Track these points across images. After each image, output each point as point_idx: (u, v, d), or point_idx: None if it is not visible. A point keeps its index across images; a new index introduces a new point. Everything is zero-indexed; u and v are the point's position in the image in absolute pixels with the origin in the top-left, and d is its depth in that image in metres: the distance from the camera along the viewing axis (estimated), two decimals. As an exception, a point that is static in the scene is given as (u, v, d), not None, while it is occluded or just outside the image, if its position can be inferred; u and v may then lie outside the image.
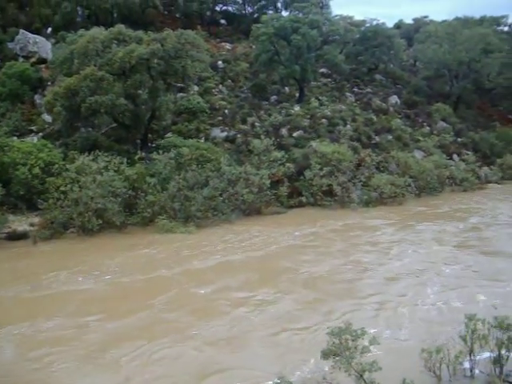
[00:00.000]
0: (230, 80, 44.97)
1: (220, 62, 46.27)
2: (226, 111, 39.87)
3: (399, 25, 71.01)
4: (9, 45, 39.93)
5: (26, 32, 40.08)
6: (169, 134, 35.20)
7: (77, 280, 19.90)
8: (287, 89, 45.90)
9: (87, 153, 28.58)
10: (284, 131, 38.89)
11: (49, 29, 45.53)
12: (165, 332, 15.37)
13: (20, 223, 26.33)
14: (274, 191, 32.09)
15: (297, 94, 44.83)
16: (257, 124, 38.73)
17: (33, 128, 33.85)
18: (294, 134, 38.94)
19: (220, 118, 38.90)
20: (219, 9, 60.75)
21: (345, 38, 48.64)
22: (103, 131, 33.54)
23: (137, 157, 31.23)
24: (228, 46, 51.39)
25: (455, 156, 44.23)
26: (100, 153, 28.56)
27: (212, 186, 29.43)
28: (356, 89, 50.94)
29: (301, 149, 36.45)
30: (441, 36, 54.12)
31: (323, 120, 41.51)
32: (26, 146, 28.35)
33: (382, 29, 54.37)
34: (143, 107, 32.62)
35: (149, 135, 34.27)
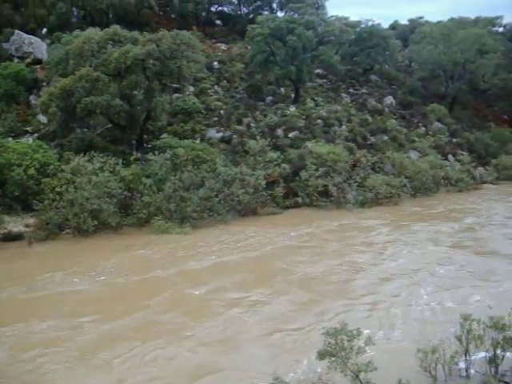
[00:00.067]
0: (226, 81, 44.98)
1: (215, 63, 46.27)
2: (222, 112, 39.88)
3: (394, 26, 71.16)
4: (4, 45, 39.81)
5: (21, 32, 39.99)
6: (164, 135, 35.19)
7: (72, 281, 19.86)
8: (283, 89, 45.93)
9: (82, 153, 28.52)
10: (279, 132, 38.94)
11: (44, 29, 45.43)
12: (159, 333, 15.34)
13: (15, 224, 26.25)
14: (270, 192, 32.11)
15: (292, 95, 44.89)
16: (252, 125, 38.75)
17: (28, 129, 33.77)
18: (290, 135, 38.99)
19: (215, 119, 38.90)
20: (214, 9, 60.76)
21: (340, 39, 48.75)
22: (98, 132, 33.52)
23: (132, 157, 31.25)
24: (223, 47, 51.37)
25: (450, 156, 44.38)
26: (95, 153, 28.49)
27: (208, 187, 29.43)
28: (351, 89, 51.03)
29: (296, 149, 36.50)
30: (436, 37, 54.31)
31: (319, 121, 41.58)
32: (22, 147, 28.27)
33: (378, 30, 54.54)
34: (139, 108, 32.59)
35: (144, 136, 34.24)
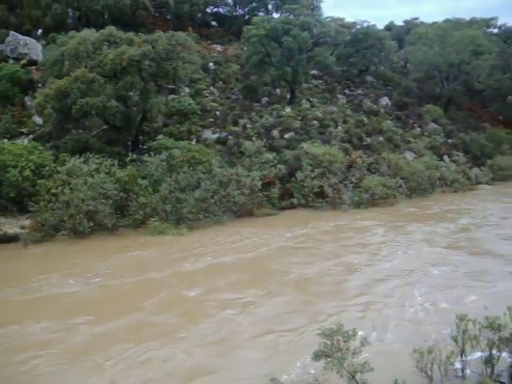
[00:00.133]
0: (221, 82, 45.00)
1: (211, 64, 46.27)
2: (218, 113, 39.92)
3: (390, 27, 71.35)
4: (-1, 47, 39.82)
5: (17, 34, 39.87)
6: (160, 136, 35.15)
7: (67, 282, 19.81)
8: (278, 90, 46.00)
9: (78, 155, 28.42)
10: (275, 133, 39.00)
11: (39, 30, 45.36)
12: (153, 335, 15.27)
13: (11, 226, 26.18)
14: (266, 193, 32.17)
15: (288, 96, 44.95)
16: (248, 126, 38.80)
17: (23, 130, 33.65)
18: (286, 136, 39.05)
19: (211, 120, 38.91)
20: (210, 11, 60.73)
21: (336, 40, 48.85)
22: (94, 133, 33.43)
23: (128, 159, 31.19)
24: (219, 48, 51.40)
25: (446, 157, 44.56)
26: (91, 155, 28.42)
27: (203, 188, 29.43)
28: (347, 90, 51.18)
29: (292, 150, 36.57)
30: (431, 38, 54.49)
31: (314, 121, 41.69)
32: (17, 148, 28.19)
33: (373, 31, 54.75)
34: (134, 109, 32.54)
35: (140, 137, 34.22)
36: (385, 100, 50.51)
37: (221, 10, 61.70)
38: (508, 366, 12.27)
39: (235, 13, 61.15)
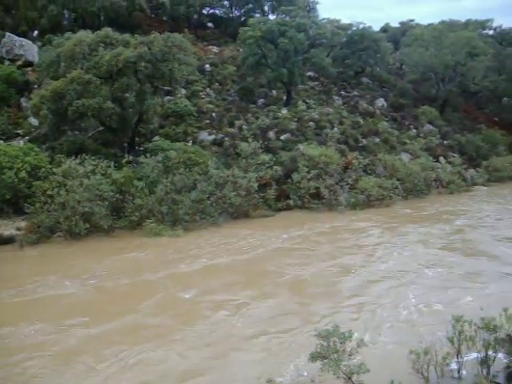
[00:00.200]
0: (218, 83, 44.99)
1: (207, 66, 46.29)
2: (214, 114, 39.91)
3: (386, 28, 71.45)
4: (-5, 48, 39.75)
5: (12, 35, 39.82)
6: (156, 138, 35.13)
7: (63, 284, 19.81)
8: (274, 92, 46.02)
9: (74, 156, 28.39)
10: (271, 134, 38.99)
11: (35, 32, 45.32)
12: (147, 337, 15.27)
13: (6, 227, 26.13)
14: (262, 194, 32.16)
15: (284, 97, 44.96)
16: (244, 127, 38.80)
17: (19, 131, 33.61)
18: (282, 137, 39.04)
19: (207, 122, 38.90)
20: (206, 12, 60.79)
21: (332, 42, 48.96)
22: (90, 135, 33.40)
23: (124, 160, 31.13)
24: (215, 50, 51.40)
25: (442, 158, 44.60)
26: (87, 156, 28.41)
27: (200, 190, 29.43)
28: (343, 92, 51.19)
29: (288, 152, 36.58)
30: (427, 39, 54.51)
31: (310, 123, 41.68)
32: (13, 150, 28.13)
33: (369, 32, 54.72)
34: (130, 110, 32.53)
35: (136, 139, 34.19)
36: (381, 101, 50.55)
37: (217, 12, 61.73)
38: (504, 367, 12.32)
39: (231, 14, 61.14)
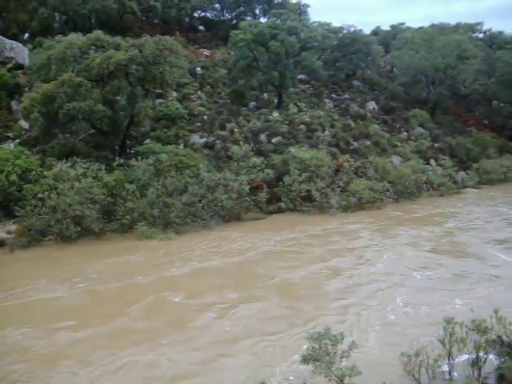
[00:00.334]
0: (209, 86, 44.99)
1: (198, 68, 46.28)
2: (205, 117, 39.89)
3: (376, 31, 71.81)
4: (-15, 51, 39.55)
5: (3, 37, 39.56)
6: (147, 141, 35.05)
7: (53, 288, 19.72)
8: (266, 95, 46.01)
9: (65, 159, 28.33)
10: (263, 137, 39.05)
11: (26, 34, 45.19)
12: (136, 341, 15.20)
13: (-4, 231, 26.06)
14: (253, 197, 32.16)
15: (275, 100, 45.00)
16: (236, 130, 38.80)
17: (9, 134, 33.42)
18: (273, 140, 39.10)
19: (199, 124, 38.88)
20: (197, 15, 60.75)
21: (323, 45, 49.00)
22: (81, 137, 33.28)
23: (115, 163, 31.01)
24: (206, 52, 51.41)
25: (432, 161, 44.78)
26: (78, 159, 28.31)
27: (191, 192, 29.40)
28: (334, 95, 51.34)
29: (280, 155, 36.62)
30: (417, 42, 54.79)
31: (302, 126, 41.76)
32: (3, 153, 27.99)
33: (360, 35, 54.95)
34: (121, 113, 32.40)
35: (127, 141, 34.09)
36: (372, 104, 50.74)
37: (208, 15, 61.77)
38: (495, 369, 12.42)
39: (222, 17, 61.19)
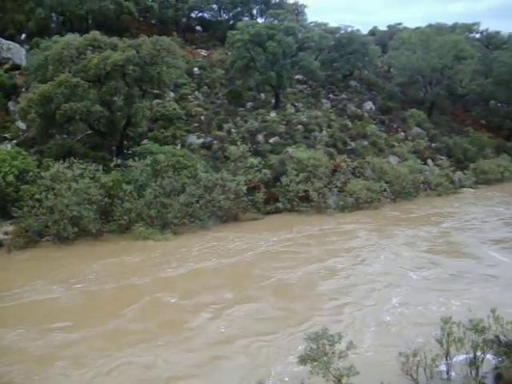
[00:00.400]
0: (206, 86, 45.01)
1: (196, 69, 46.29)
2: (202, 118, 39.89)
3: (373, 32, 71.81)
4: (-18, 51, 39.48)
5: (0, 38, 39.61)
6: (145, 141, 35.01)
7: (50, 289, 19.72)
8: (263, 95, 46.01)
9: (62, 160, 28.30)
10: (260, 137, 39.04)
11: (23, 35, 45.19)
12: (131, 342, 15.19)
13: (-6, 232, 26.02)
14: (251, 197, 32.12)
15: (273, 101, 44.99)
16: (233, 130, 38.80)
17: (7, 135, 33.41)
18: (271, 140, 39.10)
19: (196, 125, 38.89)
20: (195, 15, 60.75)
21: (320, 45, 48.91)
22: (78, 138, 33.26)
23: (113, 164, 31.02)
24: (204, 53, 51.42)
25: (429, 161, 44.78)
26: (75, 160, 28.31)
27: (188, 193, 29.38)
28: (331, 95, 51.33)
29: (277, 155, 36.62)
30: (414, 43, 54.78)
31: (299, 126, 41.75)
32: (0, 154, 27.94)
33: (357, 36, 54.97)
34: (119, 114, 32.40)
35: (124, 142, 34.10)
36: (369, 104, 50.76)
37: (205, 15, 61.74)
38: (492, 368, 12.45)
39: (220, 18, 61.15)
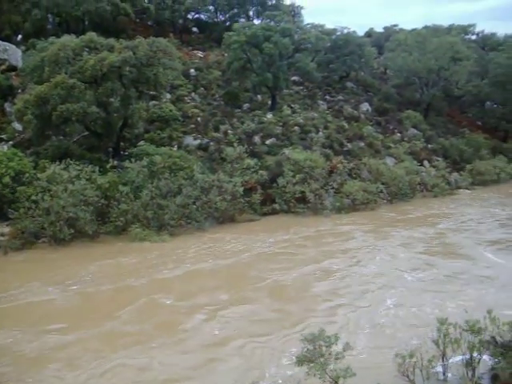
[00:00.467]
0: (203, 88, 44.99)
1: (192, 70, 46.27)
2: (199, 119, 39.87)
3: (370, 33, 71.94)
4: (-22, 52, 39.42)
5: (-4, 39, 39.67)
6: (141, 142, 34.95)
7: (46, 290, 19.66)
8: (259, 97, 46.03)
9: (58, 161, 28.21)
10: (257, 139, 39.06)
11: (19, 36, 45.12)
12: (126, 344, 15.14)
13: (-10, 233, 25.96)
14: (248, 199, 32.13)
15: (269, 102, 45.03)
16: (229, 132, 38.79)
17: (3, 136, 33.38)
18: (267, 142, 39.12)
19: (193, 126, 38.86)
20: (191, 17, 60.71)
21: (316, 47, 48.96)
22: (75, 139, 33.21)
23: (109, 165, 30.97)
24: (200, 54, 51.42)
25: (426, 162, 44.89)
26: (71, 161, 28.21)
27: (185, 194, 29.36)
28: (328, 96, 51.41)
29: (273, 156, 36.65)
30: (410, 44, 54.96)
31: (296, 127, 41.78)
32: (-4, 155, 27.98)
33: (353, 37, 55.11)
34: (115, 115, 32.31)
35: (121, 143, 34.06)
36: (365, 106, 50.84)
37: (202, 17, 61.75)
38: (489, 369, 12.45)
39: (216, 19, 61.22)
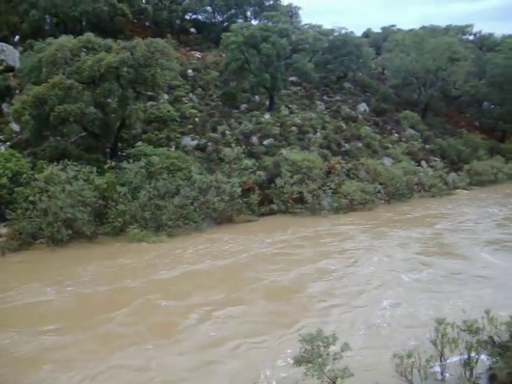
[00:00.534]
0: (201, 88, 44.94)
1: (190, 71, 46.22)
2: (197, 119, 39.83)
3: (367, 34, 71.83)
4: (-25, 53, 39.36)
5: (-7, 40, 39.60)
6: (139, 143, 34.96)
7: (44, 291, 19.64)
8: (257, 97, 46.00)
9: (56, 162, 28.21)
10: (254, 139, 39.06)
11: (16, 37, 45.02)
12: (122, 345, 15.12)
13: (-13, 234, 25.93)
14: (245, 199, 32.12)
15: (267, 103, 45.01)
16: (227, 132, 38.78)
17: (0, 137, 33.37)
18: (265, 142, 39.12)
19: (190, 127, 38.82)
20: (189, 17, 60.58)
21: (314, 47, 48.98)
22: (72, 140, 33.21)
23: (107, 166, 30.85)
24: (198, 55, 51.34)
25: (423, 162, 44.89)
26: (69, 162, 28.22)
27: (183, 195, 29.37)
28: (325, 97, 51.38)
29: (271, 157, 36.64)
30: (408, 45, 54.95)
31: (293, 128, 41.77)
32: (-6, 156, 27.95)
33: (351, 37, 55.06)
34: (113, 116, 32.31)
35: (119, 144, 34.02)
36: (363, 106, 50.86)
37: (199, 17, 61.57)
38: (486, 369, 12.46)
39: (214, 20, 61.08)
